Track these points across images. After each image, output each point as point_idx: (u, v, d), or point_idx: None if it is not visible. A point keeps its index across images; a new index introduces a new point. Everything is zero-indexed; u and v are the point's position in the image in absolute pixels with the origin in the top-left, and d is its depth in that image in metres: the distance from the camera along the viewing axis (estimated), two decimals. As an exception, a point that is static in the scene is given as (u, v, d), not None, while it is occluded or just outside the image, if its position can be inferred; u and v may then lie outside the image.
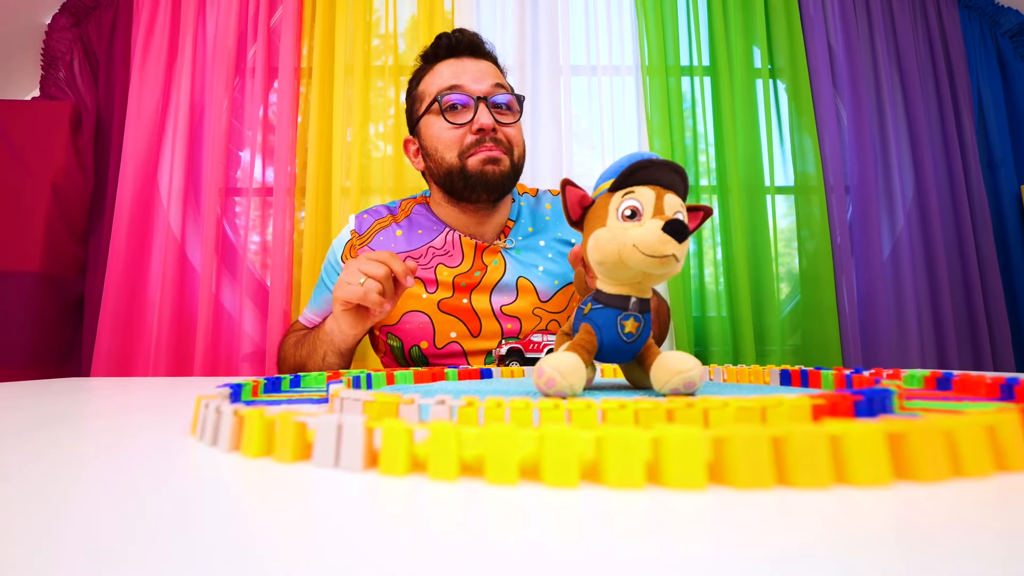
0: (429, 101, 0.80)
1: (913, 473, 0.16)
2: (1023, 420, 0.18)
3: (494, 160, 0.77)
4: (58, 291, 1.33)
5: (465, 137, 0.77)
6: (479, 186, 0.77)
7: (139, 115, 1.43)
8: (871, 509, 0.14)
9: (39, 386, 0.65)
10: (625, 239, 0.36)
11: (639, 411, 0.23)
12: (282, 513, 0.15)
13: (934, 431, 0.16)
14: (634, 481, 0.16)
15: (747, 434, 0.16)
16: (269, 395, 0.42)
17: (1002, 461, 0.17)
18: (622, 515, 0.14)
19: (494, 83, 0.78)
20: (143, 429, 0.30)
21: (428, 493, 0.16)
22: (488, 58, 0.82)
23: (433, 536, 0.13)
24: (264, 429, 0.21)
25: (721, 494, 0.15)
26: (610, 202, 0.38)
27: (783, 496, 0.15)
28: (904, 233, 1.54)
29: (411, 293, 0.79)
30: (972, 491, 0.16)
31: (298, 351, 0.81)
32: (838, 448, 0.16)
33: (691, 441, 0.16)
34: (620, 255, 0.37)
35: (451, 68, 0.79)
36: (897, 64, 1.63)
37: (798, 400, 0.24)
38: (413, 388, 0.49)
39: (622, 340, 0.39)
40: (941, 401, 0.32)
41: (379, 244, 0.83)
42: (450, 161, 0.78)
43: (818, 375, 0.46)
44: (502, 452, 0.17)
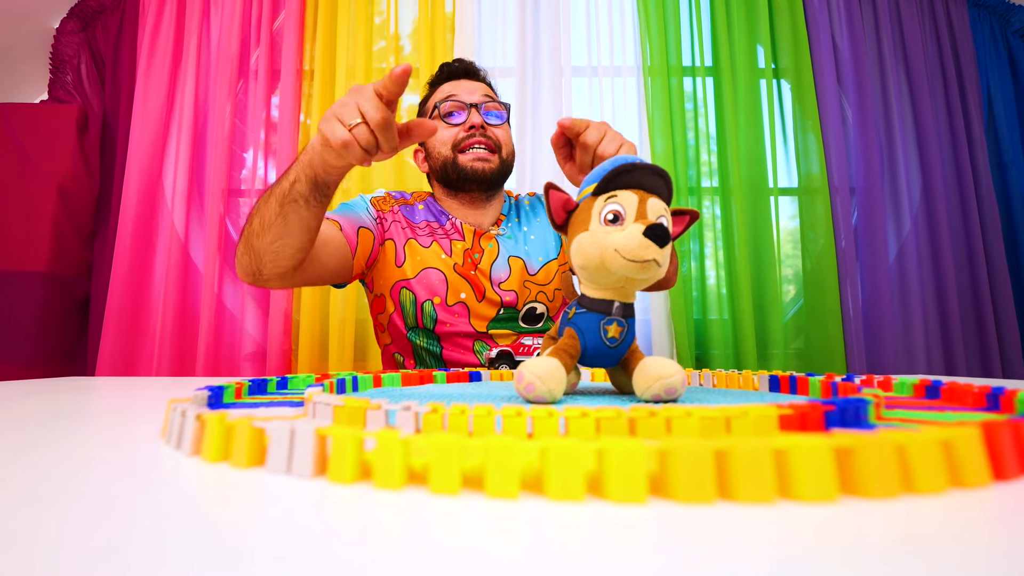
0: (430, 109, 0.92)
1: (861, 489, 0.16)
2: (984, 435, 0.17)
3: (483, 159, 0.87)
4: (64, 291, 1.34)
5: (458, 134, 0.88)
6: (470, 179, 0.88)
7: (144, 117, 1.44)
8: (814, 526, 0.14)
9: (38, 385, 0.66)
10: (607, 244, 0.36)
11: (600, 420, 0.23)
12: (218, 516, 0.15)
13: (884, 446, 0.16)
14: (575, 493, 0.16)
15: (689, 447, 0.16)
16: (253, 397, 0.42)
17: (958, 478, 0.17)
18: (562, 527, 0.14)
19: (484, 95, 0.91)
20: (119, 430, 0.30)
21: (372, 501, 0.16)
22: (482, 80, 0.96)
23: (369, 544, 0.13)
24: (223, 434, 0.21)
25: (662, 508, 0.15)
26: (593, 206, 0.38)
27: (724, 511, 0.15)
28: (911, 235, 1.52)
29: (433, 251, 0.88)
30: (922, 508, 0.15)
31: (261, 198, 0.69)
32: (783, 463, 0.16)
33: (632, 454, 0.16)
34: (602, 260, 0.36)
35: (450, 86, 0.92)
36: (904, 63, 1.61)
37: (765, 410, 0.23)
38: (399, 391, 0.49)
39: (605, 345, 0.39)
40: (925, 411, 0.32)
41: (405, 212, 0.91)
42: (444, 155, 0.88)
43: (806, 382, 0.45)
44: (446, 461, 0.16)
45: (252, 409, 0.34)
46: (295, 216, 0.67)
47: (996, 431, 0.17)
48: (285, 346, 1.45)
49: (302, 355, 1.45)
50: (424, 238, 0.89)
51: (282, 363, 1.44)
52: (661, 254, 0.35)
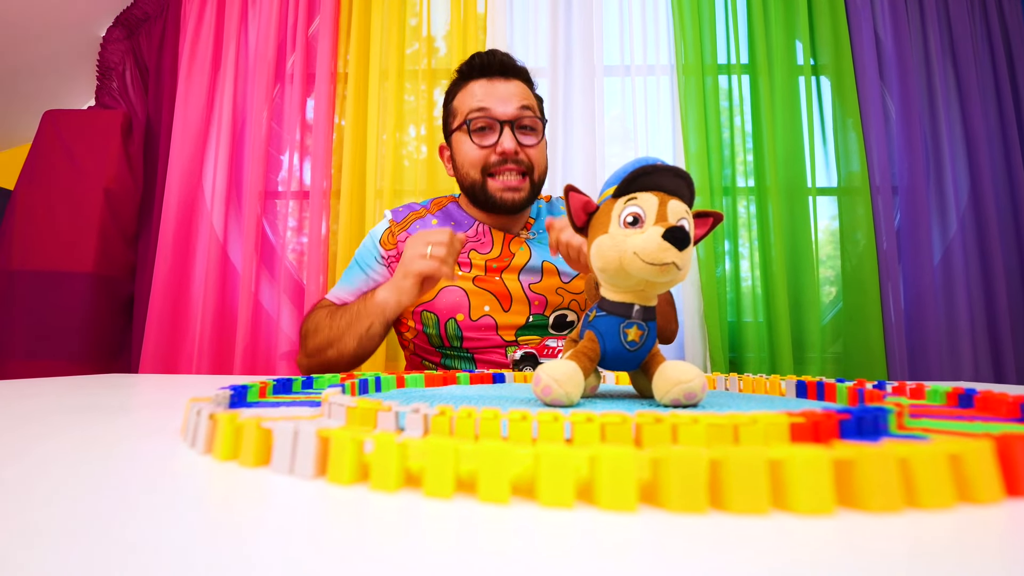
0: (460, 120, 0.86)
1: (861, 503, 0.15)
2: (997, 449, 0.17)
3: (513, 189, 0.84)
4: (110, 291, 1.41)
5: (489, 156, 0.84)
6: (497, 208, 0.85)
7: (185, 122, 1.50)
8: (807, 539, 0.14)
9: (81, 381, 0.69)
10: (626, 246, 0.36)
11: (606, 425, 0.23)
12: (211, 513, 0.15)
13: (886, 459, 0.15)
14: (564, 500, 0.16)
15: (682, 456, 0.15)
16: (277, 396, 0.44)
17: (966, 493, 0.16)
18: (549, 534, 0.14)
19: (520, 105, 0.84)
20: (144, 426, 0.31)
21: (367, 502, 0.16)
22: (519, 76, 0.88)
23: (356, 545, 0.13)
24: (233, 434, 0.21)
25: (652, 517, 0.15)
26: (613, 208, 0.38)
27: (716, 521, 0.15)
28: (957, 237, 1.45)
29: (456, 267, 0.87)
30: (925, 524, 0.15)
31: (334, 322, 0.81)
32: (778, 473, 0.16)
33: (623, 462, 0.16)
34: (621, 262, 0.36)
35: (483, 88, 0.85)
36: (952, 56, 1.54)
37: (775, 418, 0.23)
38: (420, 392, 0.49)
39: (625, 348, 0.39)
40: (954, 420, 0.31)
41: (415, 231, 0.88)
42: (473, 177, 0.85)
43: (834, 388, 0.44)
44: (440, 465, 0.17)
45: (273, 408, 0.35)
46: (370, 345, 0.80)
47: (1011, 445, 0.17)
48: (319, 344, 1.49)
49: (334, 354, 1.48)
50: None
51: (316, 361, 1.47)
52: (680, 257, 0.35)
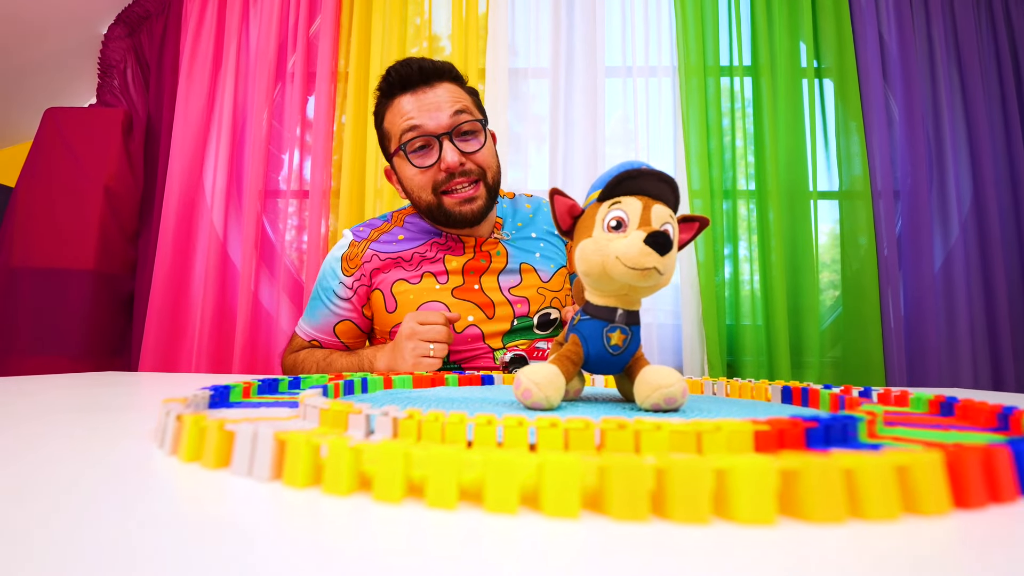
0: (396, 143, 0.81)
1: (804, 513, 0.15)
2: (947, 461, 0.17)
3: (469, 199, 0.80)
4: (111, 288, 1.42)
5: (436, 176, 0.79)
6: (459, 222, 0.81)
7: (186, 120, 1.51)
8: (745, 549, 0.14)
9: (76, 379, 0.70)
10: (609, 251, 0.35)
11: (569, 431, 0.23)
12: (160, 512, 0.15)
13: (830, 470, 0.15)
14: (509, 507, 0.16)
15: (625, 464, 0.16)
16: (261, 396, 0.44)
17: (912, 505, 0.16)
18: (495, 540, 0.14)
19: (453, 111, 0.79)
20: (123, 426, 0.31)
21: (319, 505, 0.17)
22: (445, 78, 0.81)
23: (307, 549, 0.13)
24: (198, 435, 0.22)
25: (595, 524, 0.15)
26: (597, 212, 0.37)
27: (657, 530, 0.15)
28: (959, 243, 1.44)
29: (425, 287, 0.83)
30: (866, 535, 0.15)
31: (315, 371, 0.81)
32: (723, 483, 0.16)
33: (568, 469, 0.16)
34: (604, 267, 0.36)
35: (410, 103, 0.79)
36: (956, 58, 1.53)
37: (740, 426, 0.23)
38: (405, 394, 0.50)
39: (608, 352, 0.39)
40: (929, 429, 0.30)
41: (381, 247, 0.86)
42: (427, 200, 0.81)
43: (817, 394, 0.44)
44: (391, 469, 0.17)
45: (253, 409, 0.36)
46: None
47: (961, 457, 0.17)
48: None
49: (333, 352, 1.48)
50: (412, 275, 0.84)
51: (314, 360, 1.48)
52: (662, 262, 0.34)
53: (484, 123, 0.83)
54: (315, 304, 0.89)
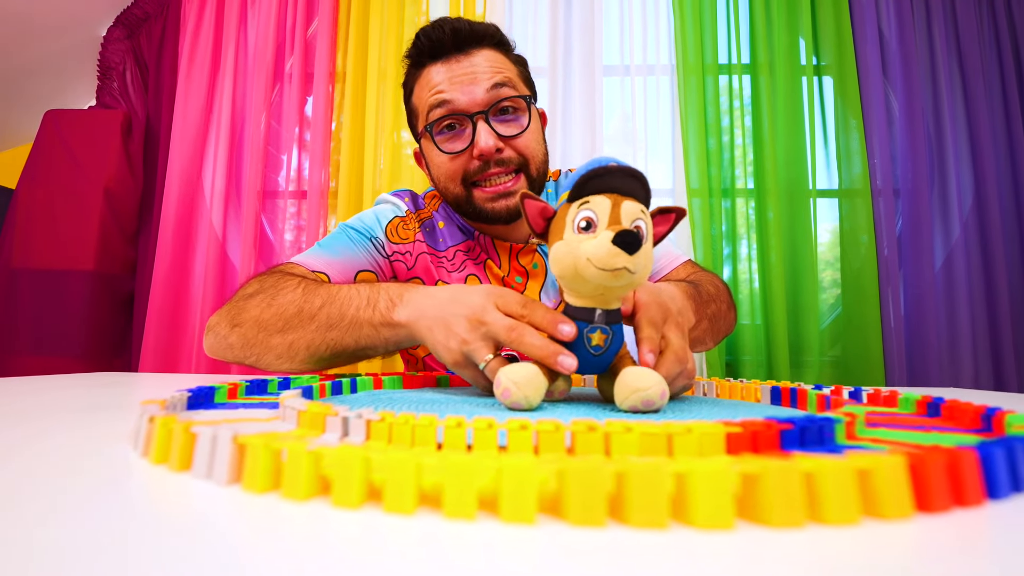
0: (423, 121, 0.68)
1: (763, 517, 0.15)
2: (910, 465, 0.16)
3: (506, 194, 0.66)
4: (110, 289, 1.43)
5: (467, 163, 0.66)
6: (491, 220, 0.68)
7: (185, 121, 1.51)
8: (704, 555, 0.14)
9: (73, 380, 0.70)
10: (579, 253, 0.35)
11: (540, 433, 0.23)
12: (115, 514, 0.15)
13: (791, 474, 0.15)
14: (467, 512, 0.16)
15: (584, 467, 0.15)
16: (248, 397, 0.44)
17: (874, 509, 0.16)
18: (453, 546, 0.14)
19: (492, 84, 0.64)
20: (105, 427, 0.31)
21: (279, 511, 0.16)
22: (486, 43, 0.67)
23: (263, 554, 0.13)
24: (166, 438, 0.22)
25: (551, 529, 0.15)
26: (567, 213, 0.37)
27: (615, 535, 0.15)
28: (960, 242, 1.43)
29: None
30: (825, 540, 0.15)
31: (308, 305, 0.55)
32: (682, 487, 0.15)
33: (527, 472, 0.15)
34: (576, 269, 0.35)
35: (440, 74, 0.65)
36: (957, 54, 1.52)
37: (711, 428, 0.23)
38: (390, 395, 0.49)
39: (589, 353, 0.39)
40: (912, 430, 0.30)
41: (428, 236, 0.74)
42: (455, 192, 0.68)
43: (805, 395, 0.43)
44: (350, 474, 0.17)
45: (235, 411, 0.35)
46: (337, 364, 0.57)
47: (924, 461, 0.16)
48: (316, 343, 1.49)
49: (332, 353, 1.49)
50: (454, 273, 0.72)
51: (313, 360, 1.48)
52: (632, 261, 0.34)
53: (530, 100, 0.67)
54: (338, 241, 0.70)
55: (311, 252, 0.68)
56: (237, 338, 0.57)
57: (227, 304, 0.60)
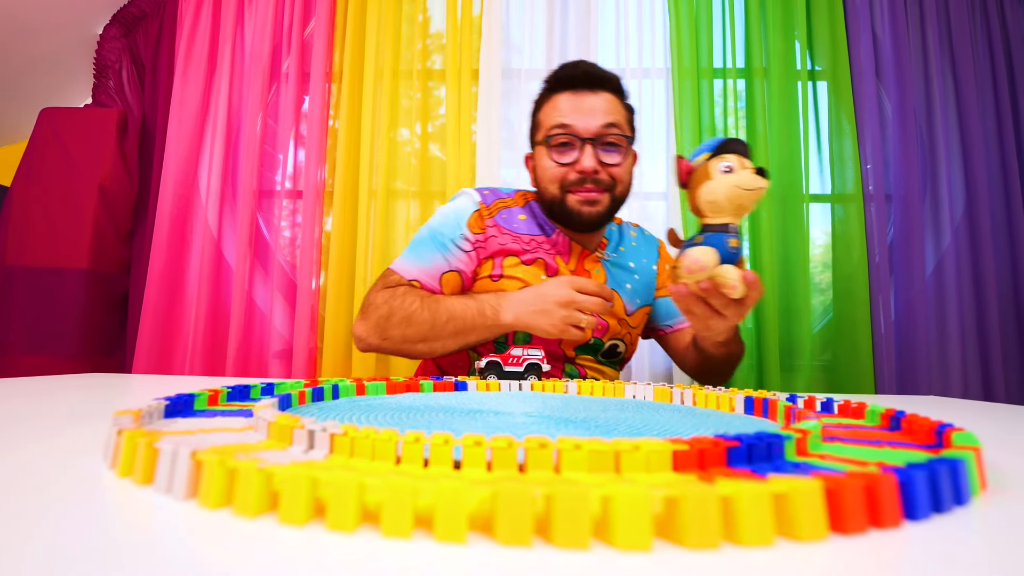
0: (542, 134, 0.84)
1: (681, 539, 0.16)
2: (826, 489, 0.17)
3: (592, 202, 0.82)
4: (105, 288, 1.43)
5: (568, 174, 0.81)
6: (575, 222, 0.83)
7: (181, 120, 1.52)
8: (624, 573, 0.14)
9: (63, 382, 0.71)
10: (728, 182, 0.52)
11: (494, 449, 0.23)
12: (68, 529, 0.16)
13: (708, 499, 0.16)
14: (403, 531, 0.17)
15: (514, 490, 0.16)
16: (230, 404, 0.45)
17: (789, 530, 0.17)
18: (390, 566, 0.15)
19: (605, 123, 0.81)
20: (82, 435, 0.32)
21: (229, 527, 0.17)
22: (608, 88, 0.83)
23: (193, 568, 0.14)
24: (132, 452, 0.22)
25: (481, 550, 0.16)
26: (710, 164, 0.54)
27: (539, 556, 0.16)
28: (951, 248, 1.44)
29: (533, 272, 0.84)
30: (738, 560, 0.15)
31: (434, 319, 0.78)
32: (607, 509, 0.16)
33: (456, 494, 0.16)
34: (726, 194, 0.52)
35: (568, 102, 0.82)
36: (950, 58, 1.53)
37: (659, 445, 0.23)
38: (370, 401, 0.50)
39: (729, 253, 0.53)
40: (864, 446, 0.31)
41: (503, 221, 0.86)
42: (552, 193, 0.83)
43: (775, 405, 0.44)
44: (296, 492, 0.18)
45: (210, 419, 0.36)
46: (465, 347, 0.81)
47: (842, 485, 0.17)
48: (312, 344, 1.50)
49: (327, 354, 1.49)
50: (527, 254, 0.84)
51: (308, 362, 1.48)
52: (765, 183, 0.51)
53: (631, 141, 0.85)
54: (426, 247, 0.85)
55: (406, 259, 0.86)
56: (389, 345, 0.81)
57: (366, 319, 0.81)
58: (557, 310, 0.72)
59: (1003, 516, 0.20)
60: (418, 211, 1.56)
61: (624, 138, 0.82)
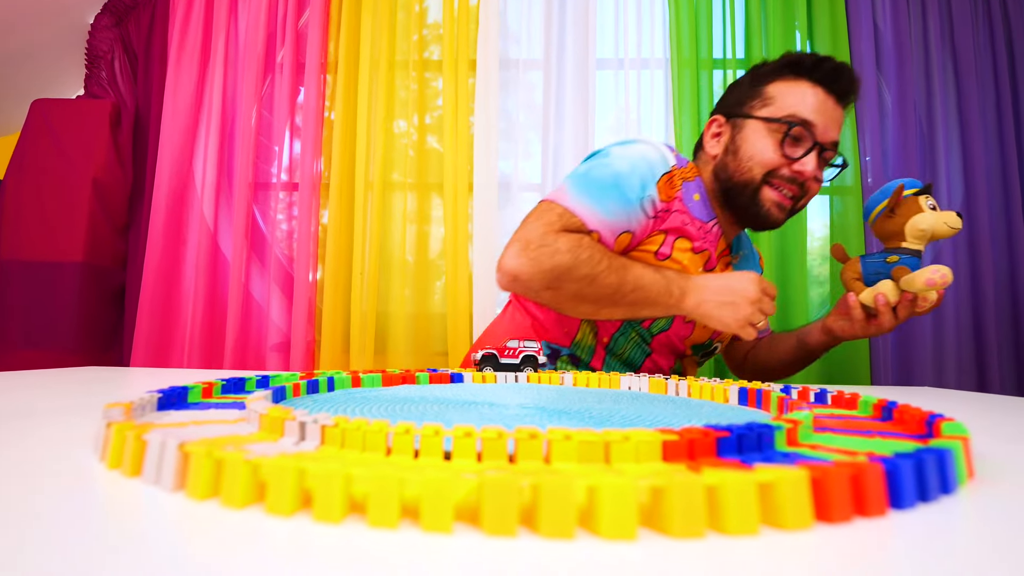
0: (778, 115, 0.78)
1: (666, 528, 0.16)
2: (812, 479, 0.17)
3: (783, 208, 0.80)
4: (101, 281, 1.43)
5: (782, 164, 0.77)
6: (753, 217, 0.80)
7: (175, 111, 1.51)
8: (603, 565, 0.14)
9: (59, 376, 0.71)
10: (940, 218, 0.71)
11: (484, 440, 0.23)
12: (57, 522, 0.16)
13: (694, 487, 0.16)
14: (390, 521, 0.17)
15: (499, 481, 0.16)
16: (225, 396, 0.45)
17: (773, 519, 0.17)
18: (376, 556, 0.15)
19: (837, 139, 0.80)
20: (75, 429, 0.32)
21: (217, 519, 0.17)
22: (850, 103, 0.81)
23: (196, 562, 0.14)
24: (120, 444, 0.22)
25: (467, 540, 0.16)
26: (919, 201, 0.72)
27: (524, 545, 0.16)
28: (947, 240, 1.44)
29: (696, 260, 0.80)
30: (723, 548, 0.15)
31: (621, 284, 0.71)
32: (593, 499, 0.16)
33: (442, 484, 0.16)
34: (932, 227, 0.71)
35: (817, 99, 0.77)
36: (951, 48, 1.52)
37: (648, 436, 0.23)
38: (364, 393, 0.51)
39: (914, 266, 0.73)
40: (854, 436, 0.31)
41: (685, 196, 0.80)
42: (752, 175, 0.78)
43: (768, 396, 0.45)
44: (282, 483, 0.18)
45: (203, 411, 0.36)
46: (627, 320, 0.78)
47: (827, 474, 0.17)
48: (309, 337, 1.50)
49: (325, 347, 1.49)
50: (698, 241, 0.79)
51: (307, 354, 1.48)
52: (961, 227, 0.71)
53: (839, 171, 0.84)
54: (610, 196, 0.74)
55: (587, 202, 0.73)
56: (550, 297, 0.73)
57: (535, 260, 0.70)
58: (746, 307, 0.70)
59: (988, 505, 0.20)
60: (415, 203, 1.56)
61: (839, 167, 0.83)
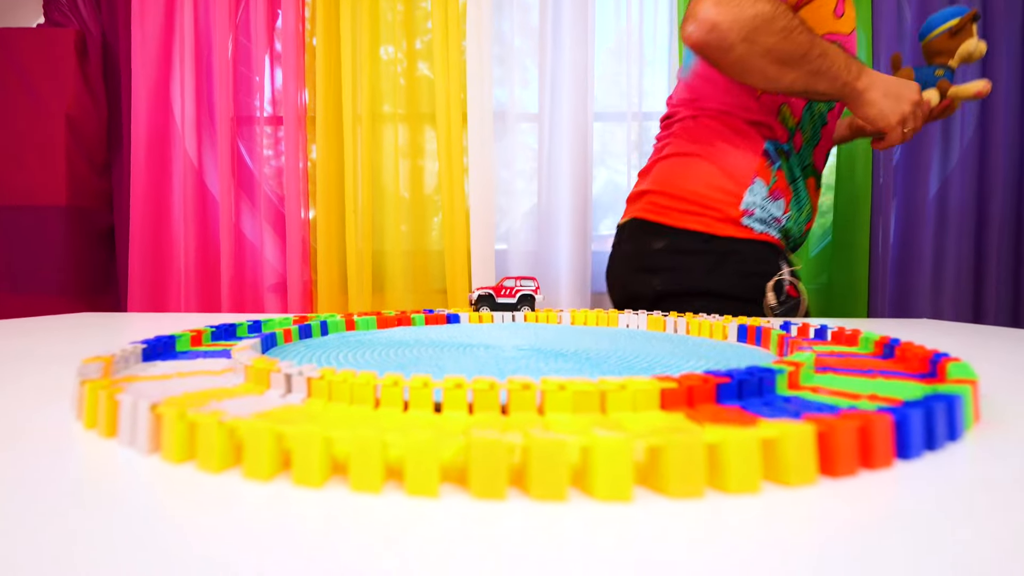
0: None
1: (664, 488, 0.15)
2: (818, 433, 0.17)
3: None
4: (86, 223, 1.39)
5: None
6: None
7: (144, 40, 1.42)
8: (598, 526, 0.14)
9: (46, 322, 0.70)
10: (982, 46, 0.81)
11: (475, 391, 0.23)
12: (24, 483, 0.15)
13: (693, 446, 0.15)
14: (373, 485, 0.16)
15: (488, 442, 0.15)
16: (215, 344, 0.44)
17: (777, 475, 0.16)
18: (358, 520, 0.14)
19: None
20: (57, 381, 0.32)
21: (193, 482, 0.17)
22: None
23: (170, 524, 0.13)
24: (94, 403, 0.21)
25: (455, 502, 0.15)
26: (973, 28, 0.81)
27: (513, 507, 0.15)
28: (957, 169, 1.40)
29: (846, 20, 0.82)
30: (723, 506, 0.15)
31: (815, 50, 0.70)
32: (587, 459, 0.15)
33: (427, 446, 0.15)
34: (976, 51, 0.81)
35: None
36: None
37: (645, 384, 0.23)
38: (359, 336, 0.50)
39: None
40: (857, 376, 0.30)
41: None
42: None
43: (768, 334, 0.44)
44: (259, 445, 0.17)
45: (190, 361, 0.35)
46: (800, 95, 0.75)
47: (834, 428, 0.16)
48: (306, 276, 1.48)
49: (322, 287, 1.48)
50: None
51: (304, 295, 1.47)
52: None
53: None
54: None
55: None
56: (743, 51, 0.71)
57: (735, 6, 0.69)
58: (907, 106, 0.74)
59: (995, 451, 0.20)
60: (407, 136, 1.50)
61: None
